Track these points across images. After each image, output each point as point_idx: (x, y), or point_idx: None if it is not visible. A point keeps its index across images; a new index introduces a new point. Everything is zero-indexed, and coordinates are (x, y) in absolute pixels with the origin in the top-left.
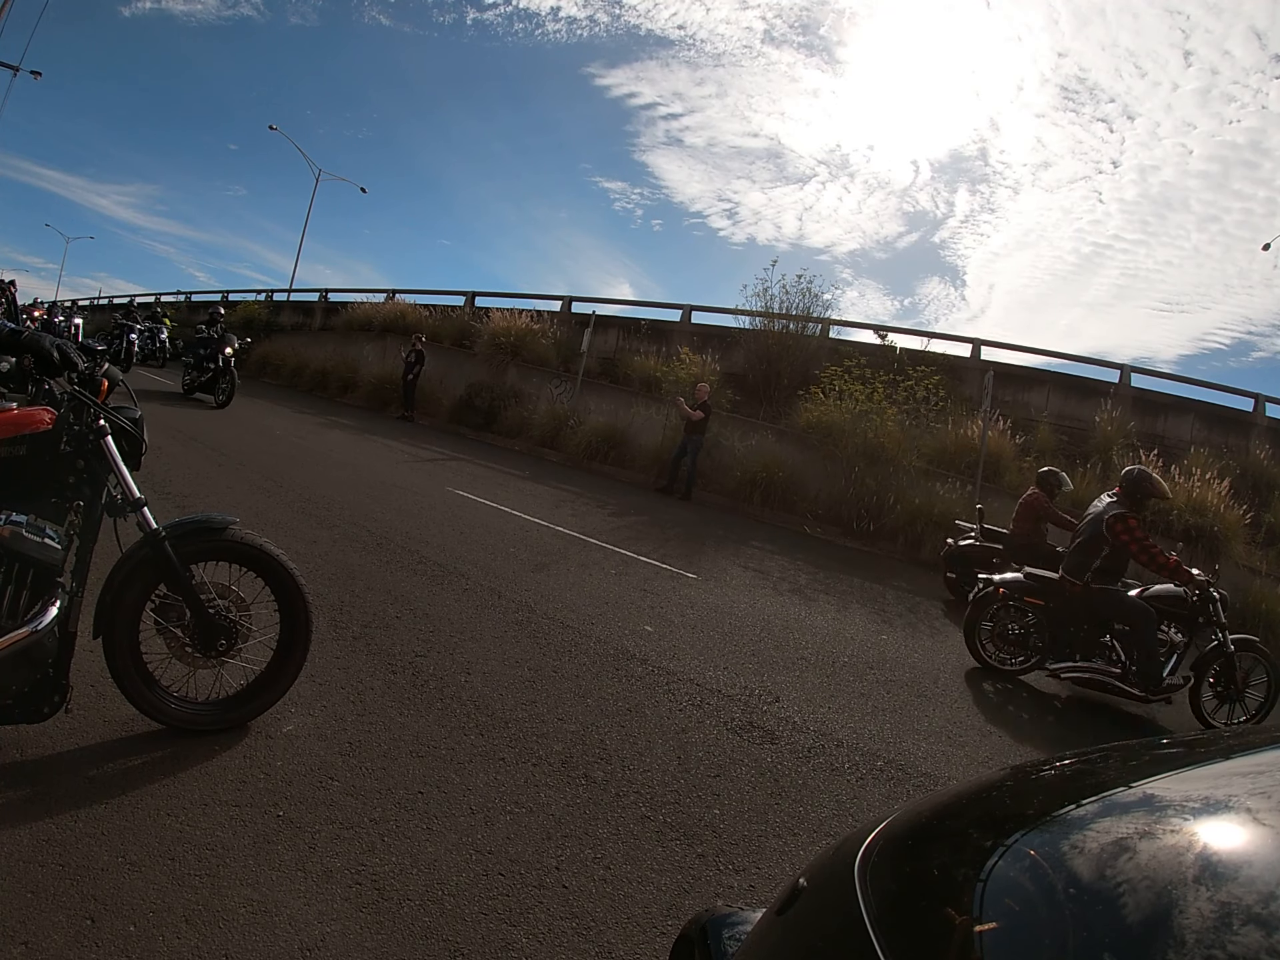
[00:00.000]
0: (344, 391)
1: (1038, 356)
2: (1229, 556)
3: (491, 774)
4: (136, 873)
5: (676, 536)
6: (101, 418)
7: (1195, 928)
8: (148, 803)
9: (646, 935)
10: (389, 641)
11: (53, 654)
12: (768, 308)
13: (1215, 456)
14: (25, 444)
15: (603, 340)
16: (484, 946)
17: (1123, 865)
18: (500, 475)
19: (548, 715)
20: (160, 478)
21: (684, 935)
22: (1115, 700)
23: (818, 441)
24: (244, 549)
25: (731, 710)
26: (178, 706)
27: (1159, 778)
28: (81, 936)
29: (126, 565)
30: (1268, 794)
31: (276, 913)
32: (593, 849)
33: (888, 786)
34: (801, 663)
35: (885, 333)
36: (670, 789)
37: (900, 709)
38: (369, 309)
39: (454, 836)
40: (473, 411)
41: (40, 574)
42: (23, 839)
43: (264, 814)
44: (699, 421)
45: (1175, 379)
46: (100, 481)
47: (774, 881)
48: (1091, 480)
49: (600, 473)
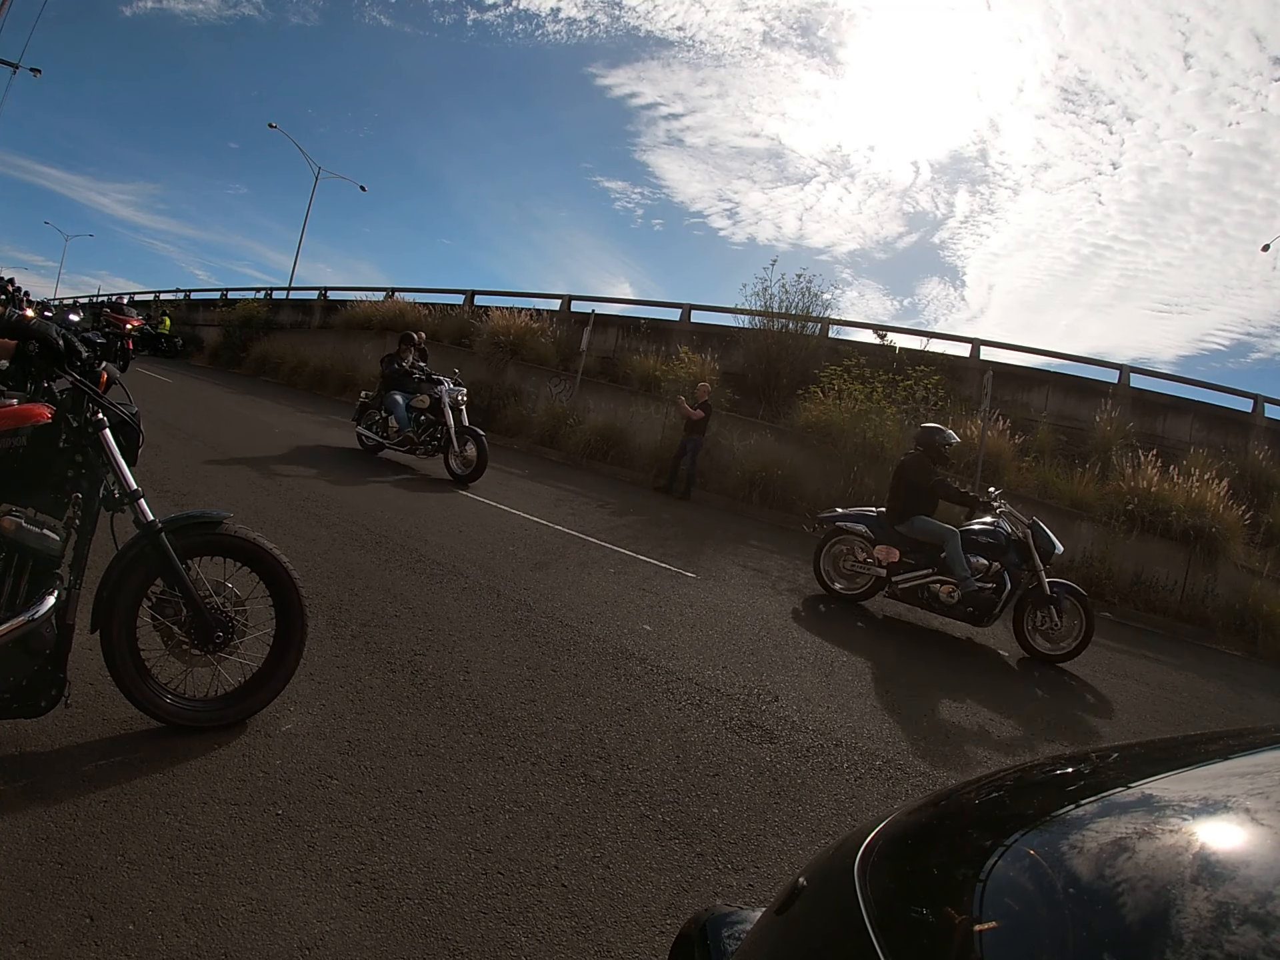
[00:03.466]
0: (343, 390)
1: (1037, 356)
2: (1228, 557)
3: (490, 773)
4: (135, 871)
5: (676, 535)
6: (100, 410)
7: (1194, 928)
8: (146, 801)
9: (645, 934)
10: (388, 640)
11: (50, 645)
12: (767, 307)
13: (1214, 457)
14: (25, 437)
15: (602, 339)
16: (483, 945)
17: (1122, 865)
18: (499, 474)
19: (547, 714)
20: (159, 474)
21: (683, 934)
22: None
23: (817, 441)
24: (239, 544)
25: (730, 709)
26: (175, 703)
27: (1158, 778)
28: (81, 935)
29: (124, 559)
30: (1266, 794)
31: (276, 911)
32: (592, 848)
33: (886, 786)
34: (800, 662)
35: (885, 332)
36: (669, 788)
37: (899, 709)
38: (368, 307)
39: (453, 835)
40: (472, 410)
41: (39, 566)
42: (21, 837)
43: (263, 812)
44: (699, 421)
45: (1174, 379)
46: (98, 474)
47: (773, 881)
48: (1091, 480)
49: (599, 472)
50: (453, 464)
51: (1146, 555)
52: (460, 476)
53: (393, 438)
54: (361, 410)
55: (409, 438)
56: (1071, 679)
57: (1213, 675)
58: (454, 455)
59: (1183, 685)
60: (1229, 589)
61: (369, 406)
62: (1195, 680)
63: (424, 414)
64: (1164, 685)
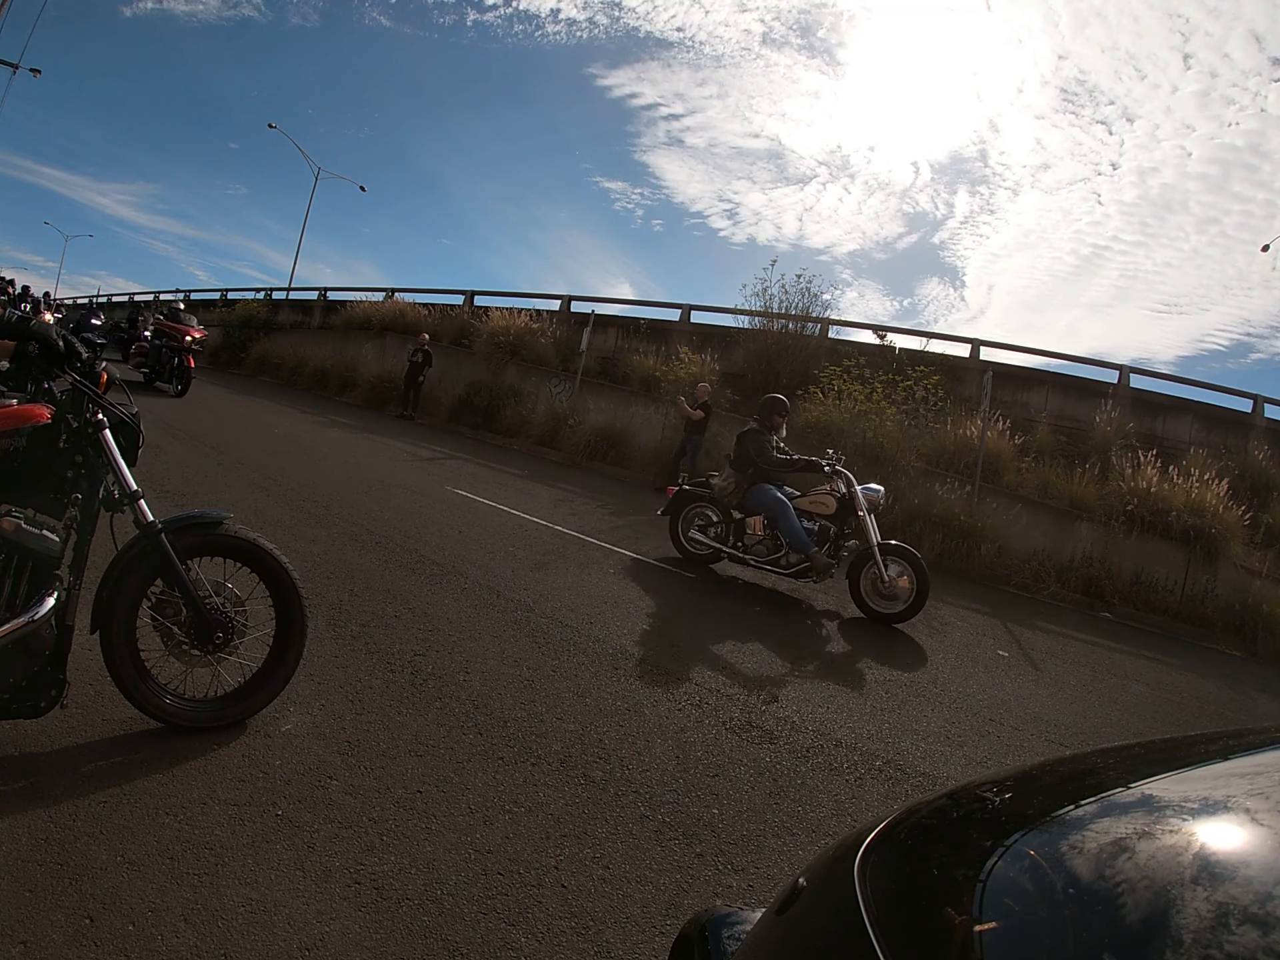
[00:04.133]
0: (343, 390)
1: (1037, 357)
2: (1228, 557)
3: (490, 773)
4: (135, 871)
5: None
6: (100, 410)
7: (1193, 928)
8: (146, 801)
9: (645, 935)
10: (388, 640)
11: (50, 646)
12: (767, 307)
13: (1214, 457)
14: (25, 437)
15: (602, 339)
16: (483, 946)
17: (1122, 865)
18: (499, 474)
19: (546, 714)
20: (159, 475)
21: (683, 935)
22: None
23: (817, 441)
24: (239, 544)
25: (730, 710)
26: (175, 703)
27: (1158, 778)
28: (80, 935)
29: (124, 559)
30: (1266, 795)
31: (275, 912)
32: (591, 848)
33: (886, 786)
34: (800, 662)
35: (884, 333)
36: (669, 788)
37: (899, 708)
38: (368, 308)
39: (453, 836)
40: (472, 410)
41: (39, 567)
42: (21, 837)
43: (262, 813)
44: (699, 421)
45: (1174, 380)
46: (98, 475)
47: (773, 881)
48: (1091, 480)
49: (599, 472)
50: (872, 601)
51: (1146, 555)
52: (883, 616)
53: (759, 553)
54: (681, 502)
55: (808, 560)
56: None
57: (1213, 675)
58: (874, 582)
59: (1183, 685)
60: (1229, 589)
61: (694, 499)
62: (1195, 680)
63: (825, 522)
64: (1164, 685)
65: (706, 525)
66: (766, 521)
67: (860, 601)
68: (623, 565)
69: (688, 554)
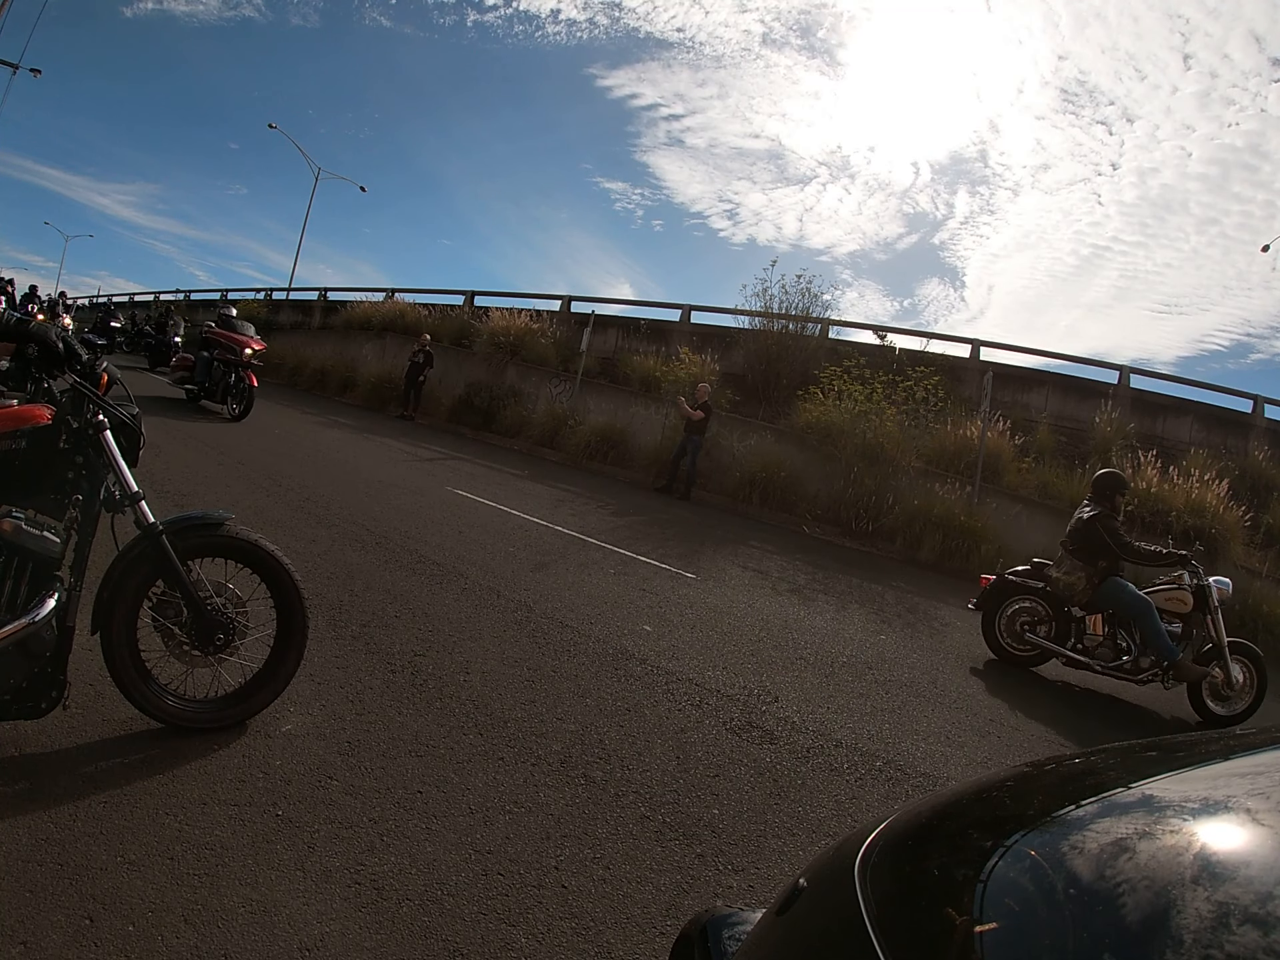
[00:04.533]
0: (343, 390)
1: (1037, 357)
2: (1228, 558)
3: (490, 773)
4: (135, 872)
5: (676, 536)
6: (101, 411)
7: (1194, 928)
8: (146, 801)
9: (646, 935)
10: (388, 640)
11: (50, 647)
12: (767, 308)
13: (1214, 458)
14: (25, 438)
15: (602, 340)
16: (483, 946)
17: (1122, 865)
18: (499, 474)
19: (547, 715)
20: (159, 476)
21: (684, 935)
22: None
23: (817, 442)
24: (240, 545)
25: (730, 710)
26: (175, 704)
27: (1159, 778)
28: (80, 936)
29: (124, 560)
30: (1266, 794)
31: (275, 912)
32: (592, 849)
33: (886, 787)
34: (800, 663)
35: (884, 333)
36: (669, 789)
37: (899, 709)
38: (368, 308)
39: (453, 836)
40: (472, 411)
41: (39, 568)
42: (21, 838)
43: (263, 813)
44: (699, 421)
45: (1174, 380)
46: (99, 476)
47: (773, 881)
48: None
49: (599, 472)
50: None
51: None
52: (1220, 719)
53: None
54: (1001, 594)
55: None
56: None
57: None
58: (1217, 685)
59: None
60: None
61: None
62: None
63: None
64: None
65: (1034, 623)
66: (1108, 620)
67: (1198, 703)
68: (623, 565)
69: (1007, 654)
